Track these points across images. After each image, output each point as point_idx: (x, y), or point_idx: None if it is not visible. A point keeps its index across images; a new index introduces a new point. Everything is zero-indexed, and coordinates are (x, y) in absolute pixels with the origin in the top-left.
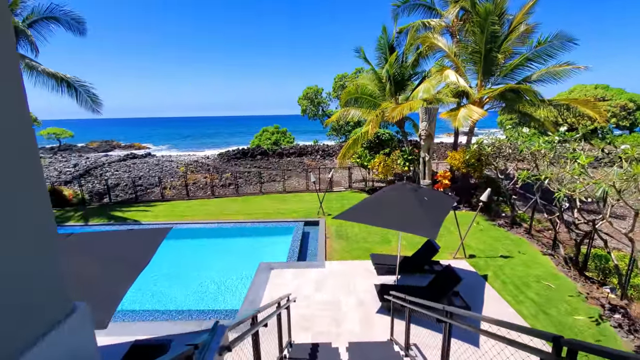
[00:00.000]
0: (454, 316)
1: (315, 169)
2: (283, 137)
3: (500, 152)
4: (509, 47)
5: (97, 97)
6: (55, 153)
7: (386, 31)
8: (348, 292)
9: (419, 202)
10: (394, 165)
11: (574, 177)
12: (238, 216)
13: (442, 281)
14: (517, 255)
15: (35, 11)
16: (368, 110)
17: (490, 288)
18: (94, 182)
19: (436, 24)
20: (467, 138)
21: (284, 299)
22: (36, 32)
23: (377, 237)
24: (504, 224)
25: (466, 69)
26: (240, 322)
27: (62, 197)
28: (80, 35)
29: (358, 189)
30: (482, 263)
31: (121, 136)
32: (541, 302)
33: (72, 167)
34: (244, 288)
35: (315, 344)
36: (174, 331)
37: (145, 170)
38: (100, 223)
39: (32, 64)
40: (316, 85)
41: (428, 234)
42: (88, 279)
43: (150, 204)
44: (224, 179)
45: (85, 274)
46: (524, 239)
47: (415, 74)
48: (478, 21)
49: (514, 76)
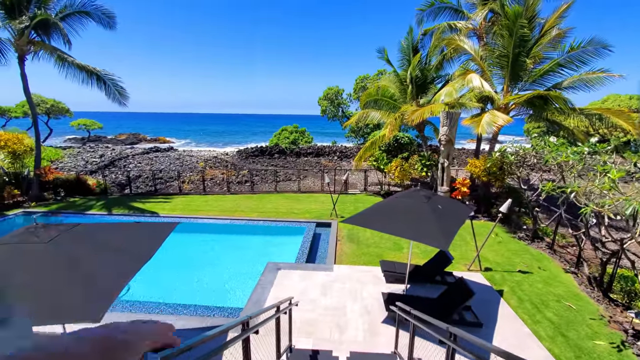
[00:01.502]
0: (458, 339)
1: (331, 170)
2: (301, 137)
3: (525, 162)
4: (539, 51)
5: (125, 91)
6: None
7: (412, 32)
8: (355, 298)
9: (432, 210)
10: (411, 170)
11: (603, 192)
12: (251, 214)
13: (453, 294)
14: (537, 271)
15: (68, 5)
16: (387, 113)
17: (505, 305)
18: (117, 173)
19: (463, 26)
20: (490, 145)
21: (285, 303)
22: (68, 25)
23: (389, 243)
24: (524, 237)
25: (492, 73)
26: (191, 344)
27: (86, 186)
28: (110, 29)
29: (373, 192)
30: (499, 277)
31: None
32: (560, 323)
33: (98, 157)
34: (250, 287)
35: (316, 351)
36: (178, 326)
37: (167, 164)
38: (119, 213)
39: (63, 56)
40: (337, 86)
41: (439, 244)
42: (87, 271)
43: (169, 196)
44: (240, 176)
45: (84, 265)
46: (546, 255)
47: (438, 77)
48: (506, 24)
49: (543, 82)
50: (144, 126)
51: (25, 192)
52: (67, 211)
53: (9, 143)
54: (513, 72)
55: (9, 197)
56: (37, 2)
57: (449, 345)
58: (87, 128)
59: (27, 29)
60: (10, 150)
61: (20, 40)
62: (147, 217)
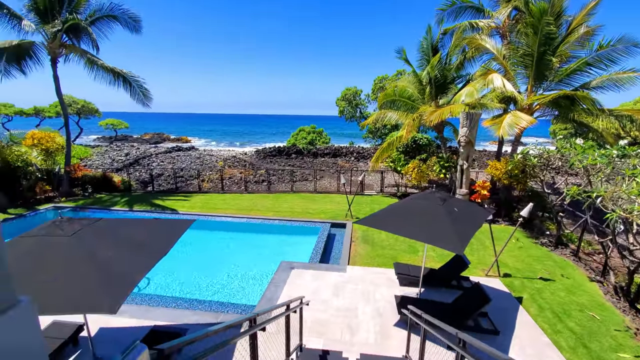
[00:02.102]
0: (467, 345)
1: (347, 171)
2: (319, 137)
3: (549, 164)
4: (565, 50)
5: (148, 92)
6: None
7: (430, 32)
8: (367, 300)
9: (448, 212)
10: (428, 171)
11: (632, 197)
12: (267, 213)
13: (469, 299)
14: (560, 279)
15: (97, 10)
16: (405, 114)
17: (524, 312)
18: (141, 171)
19: (484, 24)
20: (513, 147)
21: (295, 302)
22: (97, 29)
23: (404, 245)
24: (547, 243)
25: (516, 73)
26: (194, 338)
27: (112, 184)
28: (136, 32)
29: (390, 193)
30: (518, 284)
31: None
32: (582, 333)
33: (123, 156)
34: (264, 285)
35: (326, 351)
36: (192, 320)
37: (187, 163)
38: (140, 210)
39: (93, 58)
40: (355, 87)
41: (454, 248)
42: (105, 264)
43: (188, 194)
44: (258, 176)
45: (104, 258)
46: (569, 262)
47: (459, 77)
48: (531, 22)
49: (569, 82)
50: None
51: (56, 188)
52: (94, 207)
53: (43, 141)
54: (538, 72)
55: (41, 192)
56: (69, 7)
57: (457, 351)
58: (114, 127)
59: (59, 32)
60: (43, 148)
61: (53, 44)
62: (167, 214)
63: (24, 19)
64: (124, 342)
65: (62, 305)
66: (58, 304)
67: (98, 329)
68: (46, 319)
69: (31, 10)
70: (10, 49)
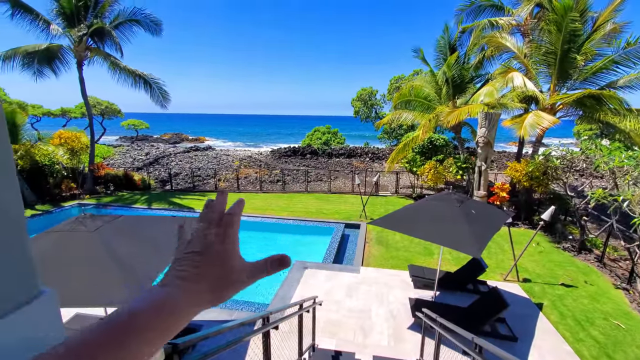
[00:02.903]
0: (483, 351)
1: (362, 172)
2: (334, 138)
3: (573, 166)
4: (591, 47)
5: (167, 94)
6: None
7: (448, 30)
8: (381, 302)
9: (465, 214)
10: (445, 172)
11: None
12: (281, 212)
13: (486, 304)
14: (583, 285)
15: (120, 14)
16: (421, 114)
17: (544, 319)
18: (160, 170)
19: (505, 22)
20: (534, 148)
21: (308, 301)
22: (120, 32)
23: (420, 247)
24: (570, 248)
25: (538, 72)
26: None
27: (132, 182)
28: (157, 35)
29: (405, 195)
30: (538, 289)
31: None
32: (606, 343)
33: (144, 155)
34: (277, 284)
35: (338, 352)
36: (206, 317)
37: (205, 162)
38: (159, 207)
39: (116, 61)
40: (371, 87)
41: (470, 251)
42: (125, 259)
43: (205, 193)
44: (272, 175)
45: (123, 254)
46: (594, 268)
47: (477, 76)
48: (554, 18)
49: (595, 81)
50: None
51: (80, 186)
52: (115, 204)
53: (69, 141)
54: (561, 70)
55: (66, 189)
56: (94, 12)
57: (473, 357)
58: (136, 128)
59: (84, 36)
60: (69, 148)
61: (79, 47)
62: (184, 213)
63: (52, 23)
64: None
65: (83, 299)
66: (80, 297)
67: None
68: (69, 312)
69: (59, 15)
70: (41, 52)
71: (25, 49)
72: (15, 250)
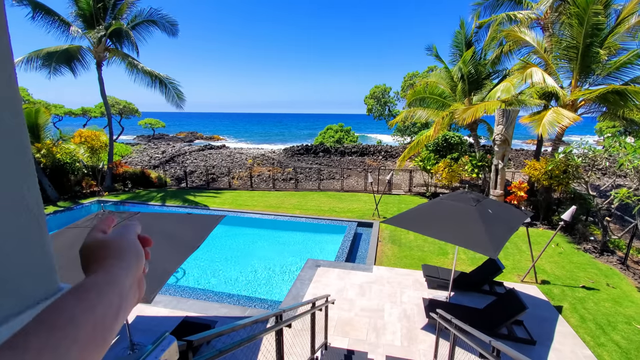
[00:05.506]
0: (501, 355)
1: (375, 170)
2: (346, 136)
3: (595, 165)
4: (614, 41)
5: (182, 94)
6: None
7: (464, 26)
8: (394, 301)
9: (481, 214)
10: (460, 171)
11: None
12: (294, 210)
13: (503, 306)
14: (605, 288)
15: (138, 15)
16: (436, 111)
17: (564, 322)
18: (176, 168)
19: (524, 16)
20: (553, 146)
21: (321, 300)
22: (137, 33)
23: (434, 247)
24: (591, 250)
25: (558, 67)
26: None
27: (149, 180)
28: (173, 36)
29: (418, 193)
30: (558, 292)
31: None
32: (629, 348)
33: (160, 153)
34: (290, 282)
35: (351, 351)
36: (221, 313)
37: (219, 160)
38: (174, 205)
39: (133, 62)
40: (384, 84)
41: (487, 252)
42: None
43: (219, 191)
44: (285, 173)
45: None
46: (616, 270)
47: (495, 72)
48: (576, 12)
49: (619, 76)
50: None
51: (99, 183)
52: (133, 201)
53: (89, 139)
54: (583, 65)
55: (86, 187)
56: (112, 13)
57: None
58: (152, 126)
59: (103, 37)
60: (89, 146)
61: (98, 48)
62: (199, 210)
63: (72, 25)
64: (157, 330)
65: None
66: None
67: (135, 317)
68: None
69: (78, 17)
70: (60, 53)
71: (47, 51)
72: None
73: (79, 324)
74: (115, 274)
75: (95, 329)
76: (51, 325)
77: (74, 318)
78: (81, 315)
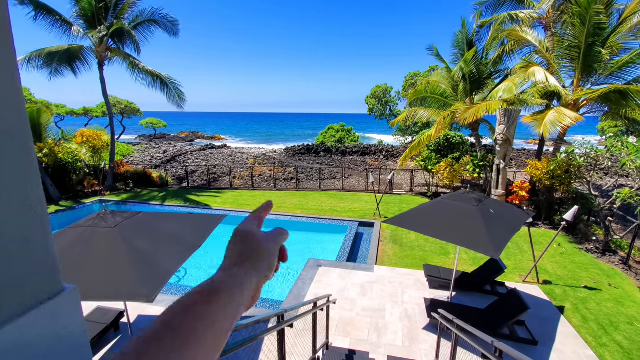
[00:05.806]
0: (504, 355)
1: (376, 170)
2: (348, 136)
3: (597, 164)
4: (616, 41)
5: (183, 95)
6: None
7: (465, 25)
8: (395, 301)
9: (483, 214)
10: (461, 170)
11: None
12: (295, 210)
13: (504, 306)
14: (607, 288)
15: (139, 15)
16: (437, 111)
17: (566, 323)
18: (177, 168)
19: (526, 15)
20: (555, 145)
21: (322, 300)
22: (139, 33)
23: (435, 247)
24: (593, 250)
25: (560, 66)
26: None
27: (150, 179)
28: (174, 35)
29: (420, 193)
30: (559, 292)
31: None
32: (631, 349)
33: (162, 153)
34: (291, 281)
35: (352, 351)
36: None
37: (220, 160)
38: (176, 204)
39: (135, 62)
40: (385, 84)
41: (489, 252)
42: (144, 255)
43: (220, 191)
44: (286, 173)
45: (142, 249)
46: (619, 270)
47: (496, 71)
48: (578, 11)
49: (621, 75)
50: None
51: (101, 183)
52: (134, 201)
53: (90, 139)
54: (585, 64)
55: (88, 186)
56: (114, 13)
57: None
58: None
59: (105, 37)
60: (91, 146)
61: (100, 48)
62: (200, 209)
63: (74, 25)
64: None
65: (104, 293)
66: (101, 291)
67: (137, 316)
68: (91, 305)
69: (80, 17)
70: (62, 53)
71: (49, 50)
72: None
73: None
74: (247, 277)
75: (222, 329)
76: (194, 316)
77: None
78: (216, 314)
